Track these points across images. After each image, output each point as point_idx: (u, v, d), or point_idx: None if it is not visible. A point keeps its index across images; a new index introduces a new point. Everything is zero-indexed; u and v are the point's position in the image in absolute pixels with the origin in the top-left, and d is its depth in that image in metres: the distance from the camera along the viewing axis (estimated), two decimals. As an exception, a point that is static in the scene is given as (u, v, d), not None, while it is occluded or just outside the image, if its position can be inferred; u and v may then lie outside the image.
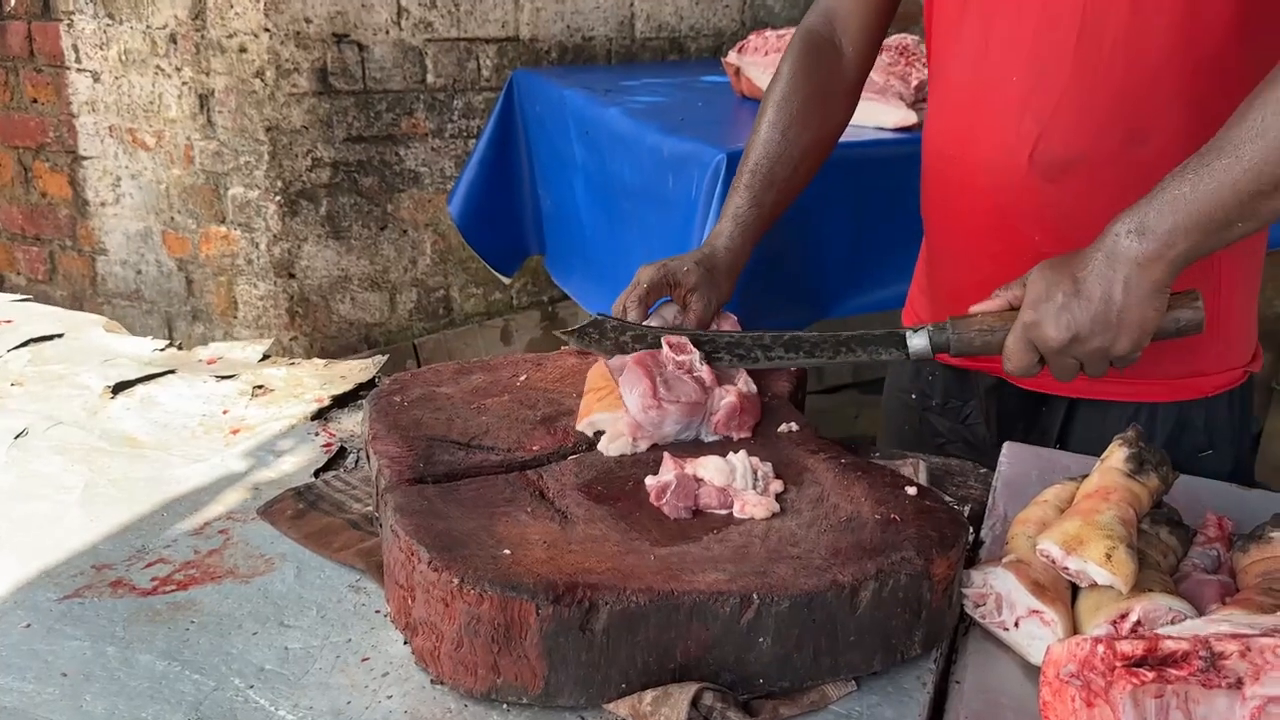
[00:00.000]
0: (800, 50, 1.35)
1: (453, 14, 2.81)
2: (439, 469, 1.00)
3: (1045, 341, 1.00)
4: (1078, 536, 0.88)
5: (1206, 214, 0.95)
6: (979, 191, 1.22)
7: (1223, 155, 0.94)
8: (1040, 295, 1.00)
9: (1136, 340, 0.99)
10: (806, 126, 1.32)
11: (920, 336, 1.08)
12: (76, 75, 2.91)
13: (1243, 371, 1.27)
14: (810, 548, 0.88)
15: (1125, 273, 0.97)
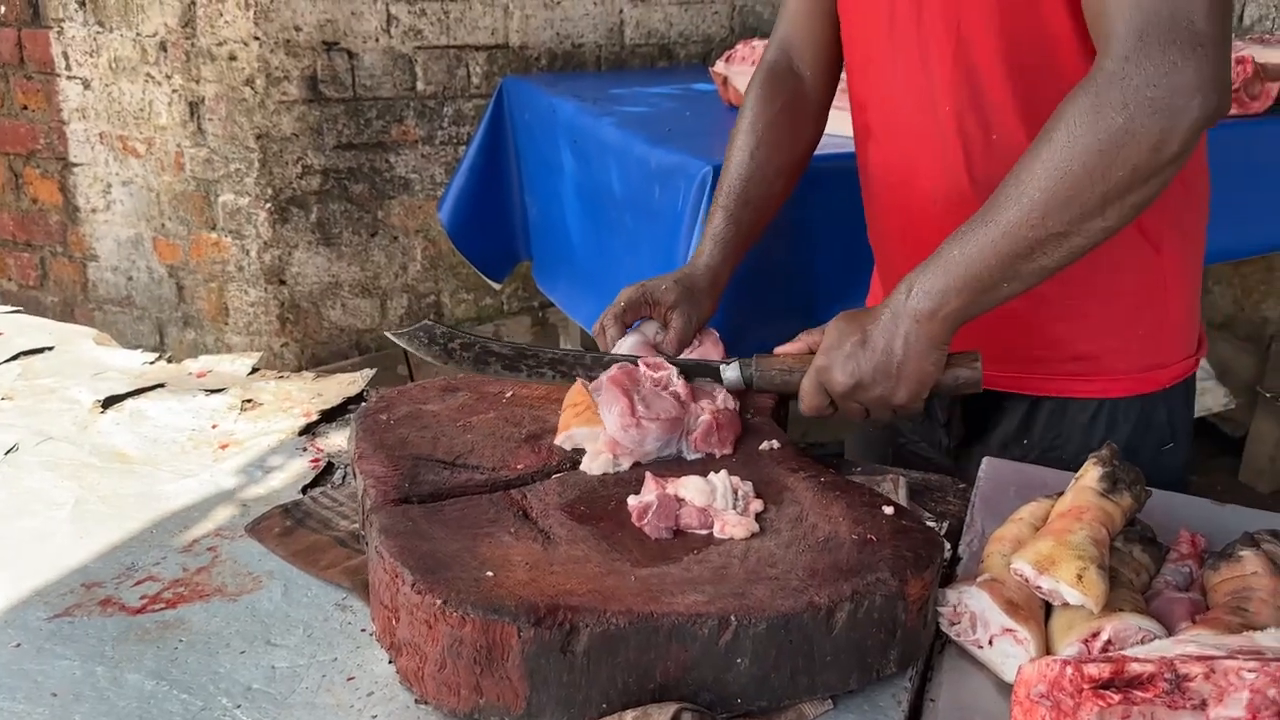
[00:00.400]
0: (761, 80, 1.42)
1: (442, 21, 2.83)
2: (424, 489, 1.02)
3: (832, 385, 1.07)
4: (1050, 556, 0.90)
5: (974, 275, 1.00)
6: (929, 217, 1.25)
7: (986, 221, 1.00)
8: (832, 343, 1.07)
9: (914, 391, 1.06)
10: (776, 148, 1.38)
11: (732, 369, 1.16)
12: (67, 82, 2.91)
13: (1195, 360, 1.30)
14: (788, 568, 0.89)
15: (905, 328, 1.03)
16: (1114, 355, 1.25)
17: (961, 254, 1.01)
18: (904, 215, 1.30)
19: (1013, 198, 0.98)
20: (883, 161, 1.31)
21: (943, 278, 1.02)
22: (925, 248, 1.26)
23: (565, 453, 1.10)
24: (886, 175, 1.31)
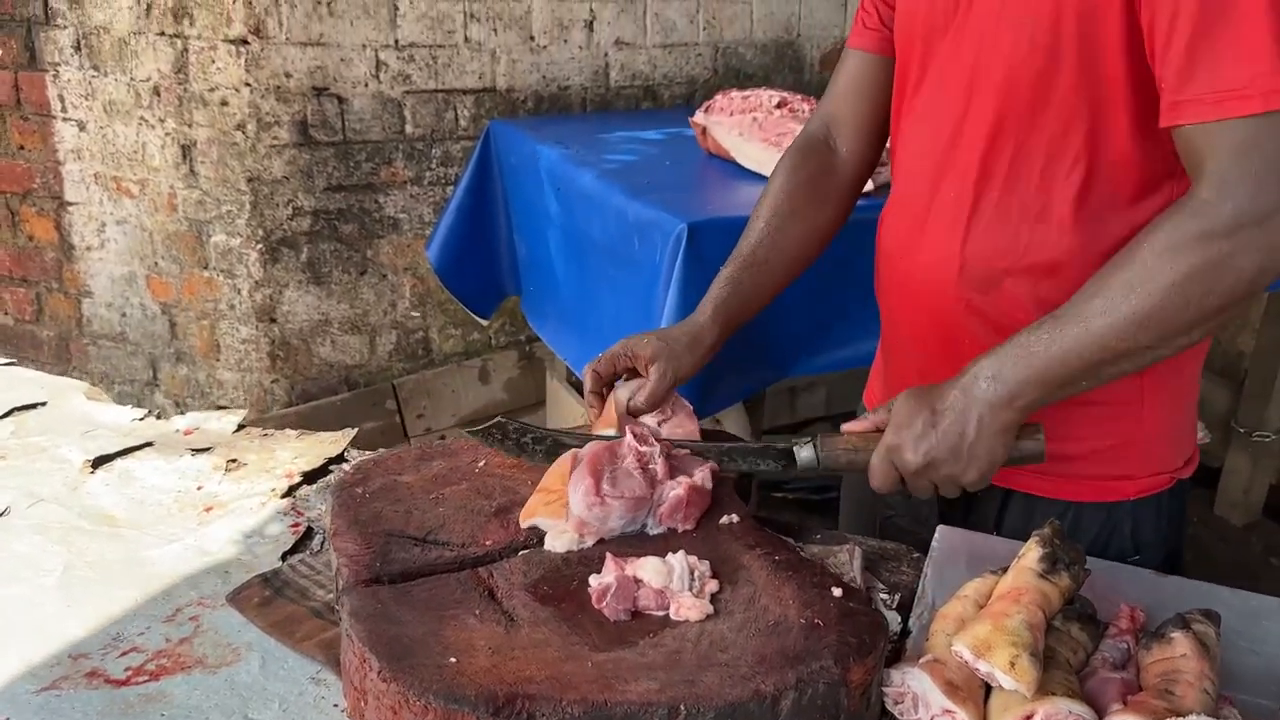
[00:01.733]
0: (795, 149, 1.43)
1: (430, 66, 2.88)
2: (395, 568, 1.06)
3: (904, 464, 1.09)
4: (986, 641, 0.94)
5: (1055, 373, 1.04)
6: (920, 295, 1.28)
7: (1075, 323, 1.03)
8: (902, 421, 1.09)
9: (984, 471, 1.08)
10: (793, 217, 1.39)
11: (806, 450, 1.16)
12: (62, 124, 2.96)
13: (1169, 478, 1.29)
14: (738, 654, 0.94)
15: (979, 412, 1.06)
16: (1082, 460, 1.26)
17: (1046, 351, 1.03)
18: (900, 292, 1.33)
19: (1105, 308, 1.01)
20: (892, 231, 1.33)
21: (1023, 370, 1.04)
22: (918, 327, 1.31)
23: (532, 528, 1.14)
24: (891, 247, 1.33)
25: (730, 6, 3.19)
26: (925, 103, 1.25)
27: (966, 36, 1.17)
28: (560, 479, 1.15)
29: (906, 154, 1.30)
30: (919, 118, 1.26)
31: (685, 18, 3.15)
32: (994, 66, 1.14)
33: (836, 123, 1.43)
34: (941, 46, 1.21)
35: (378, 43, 2.82)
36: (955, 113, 1.20)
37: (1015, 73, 1.12)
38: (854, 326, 1.96)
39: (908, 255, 1.29)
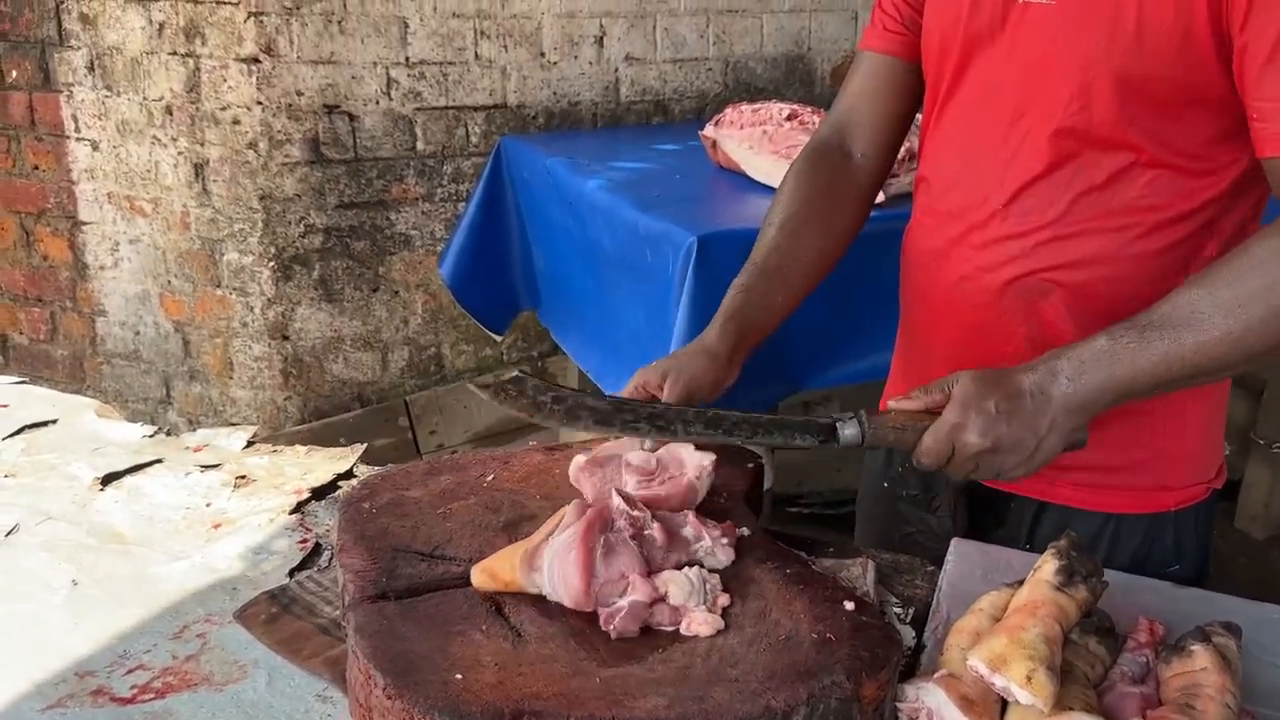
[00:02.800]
0: (807, 155, 1.39)
1: (441, 84, 2.89)
2: (400, 583, 1.05)
3: (965, 445, 1.05)
4: (1002, 655, 0.92)
5: (1137, 383, 1.03)
6: (957, 307, 1.26)
7: (1163, 337, 1.01)
8: (970, 403, 1.04)
9: (1036, 468, 1.07)
10: (808, 222, 1.34)
11: (851, 427, 1.10)
12: (76, 144, 2.98)
13: (1206, 488, 1.29)
14: (748, 669, 0.92)
15: (1054, 413, 1.03)
16: (1122, 471, 1.25)
17: (1131, 361, 1.02)
18: (933, 305, 1.31)
19: (1199, 324, 1.00)
20: (925, 240, 1.31)
21: (1104, 377, 1.03)
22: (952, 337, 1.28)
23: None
24: (923, 258, 1.31)
25: (740, 21, 3.19)
26: (965, 112, 1.22)
27: (1019, 45, 1.14)
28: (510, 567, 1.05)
29: (941, 163, 1.27)
30: (954, 126, 1.24)
31: (695, 33, 3.16)
32: (1057, 77, 1.11)
33: (851, 126, 1.39)
34: (985, 54, 1.18)
35: (389, 60, 2.83)
36: (1003, 124, 1.17)
37: (1083, 88, 1.09)
38: (869, 339, 1.95)
39: (942, 267, 1.27)
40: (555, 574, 1.02)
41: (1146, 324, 1.03)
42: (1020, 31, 1.13)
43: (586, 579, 1.00)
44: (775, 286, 1.34)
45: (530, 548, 1.05)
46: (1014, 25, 1.13)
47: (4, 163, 3.11)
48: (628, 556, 1.03)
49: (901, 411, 1.11)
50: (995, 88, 1.17)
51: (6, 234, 3.19)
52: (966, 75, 1.20)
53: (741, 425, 1.13)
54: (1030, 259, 1.17)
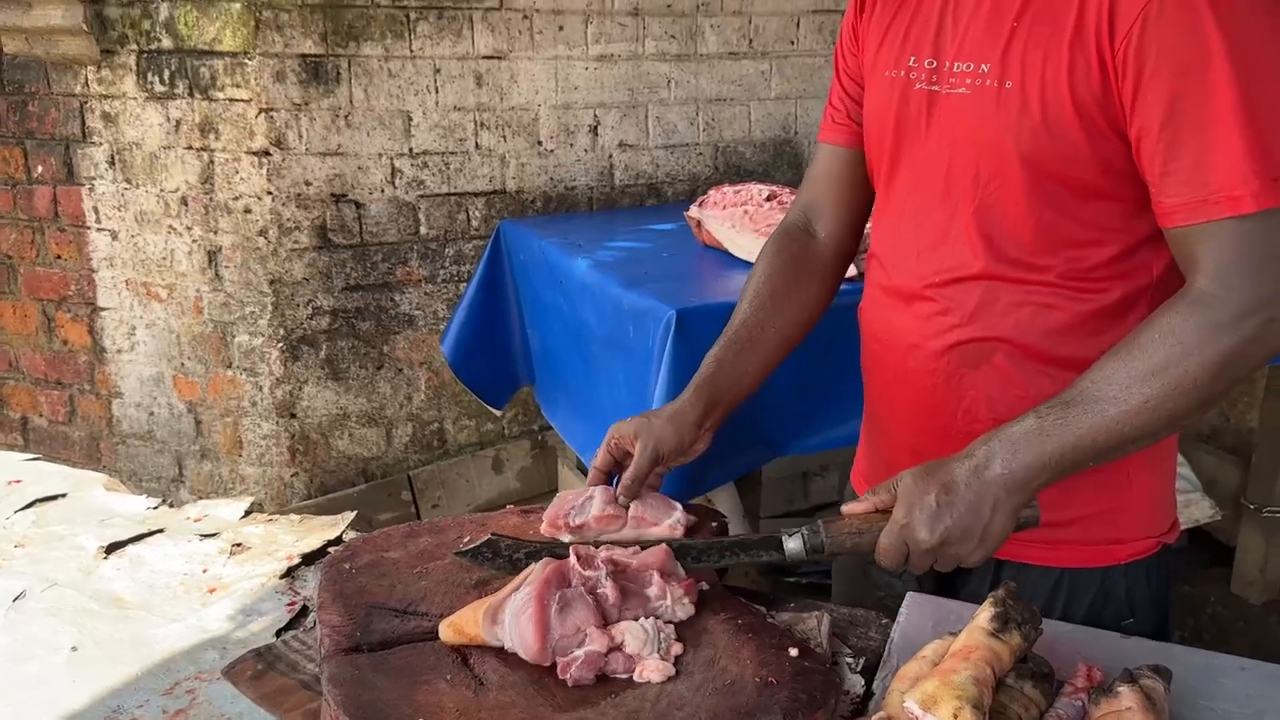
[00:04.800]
0: (776, 237, 1.50)
1: (443, 172, 3.03)
2: (374, 637, 1.12)
3: (917, 543, 1.11)
4: (933, 696, 0.98)
5: (1068, 457, 1.08)
6: (908, 374, 1.33)
7: (1088, 411, 1.07)
8: (915, 501, 1.10)
9: (991, 549, 1.12)
10: (774, 298, 1.44)
11: (795, 540, 1.17)
12: (96, 234, 3.14)
13: (1156, 542, 1.33)
14: (693, 711, 0.98)
15: (994, 495, 1.09)
16: (1072, 527, 1.29)
17: (1060, 437, 1.08)
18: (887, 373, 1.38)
19: (1119, 395, 1.06)
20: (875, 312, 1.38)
21: (1036, 455, 1.08)
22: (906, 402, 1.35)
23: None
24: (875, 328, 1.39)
25: (728, 109, 3.34)
26: (901, 194, 1.31)
27: (943, 132, 1.23)
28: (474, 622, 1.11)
29: (885, 242, 1.36)
30: (896, 209, 1.33)
31: (686, 120, 3.30)
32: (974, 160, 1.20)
33: (814, 210, 1.50)
34: (915, 142, 1.27)
35: (393, 151, 2.98)
36: (933, 206, 1.26)
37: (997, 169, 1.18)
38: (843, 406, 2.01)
39: (893, 336, 1.34)
40: (513, 629, 1.08)
41: (1070, 400, 1.09)
42: (943, 120, 1.22)
43: (541, 635, 1.07)
44: (746, 357, 1.43)
45: (494, 603, 1.12)
46: (937, 114, 1.23)
47: (28, 253, 3.27)
48: (584, 611, 1.10)
49: (855, 516, 1.17)
50: (924, 173, 1.26)
51: (29, 320, 3.33)
52: (901, 161, 1.29)
53: (709, 552, 1.22)
54: (969, 327, 1.25)
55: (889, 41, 1.30)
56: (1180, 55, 1.04)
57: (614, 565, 1.17)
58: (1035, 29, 1.12)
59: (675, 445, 1.35)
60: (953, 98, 1.20)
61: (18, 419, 3.42)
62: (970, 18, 1.19)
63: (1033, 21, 1.13)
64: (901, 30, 1.28)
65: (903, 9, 1.29)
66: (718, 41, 3.30)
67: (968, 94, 1.18)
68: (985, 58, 1.16)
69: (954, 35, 1.20)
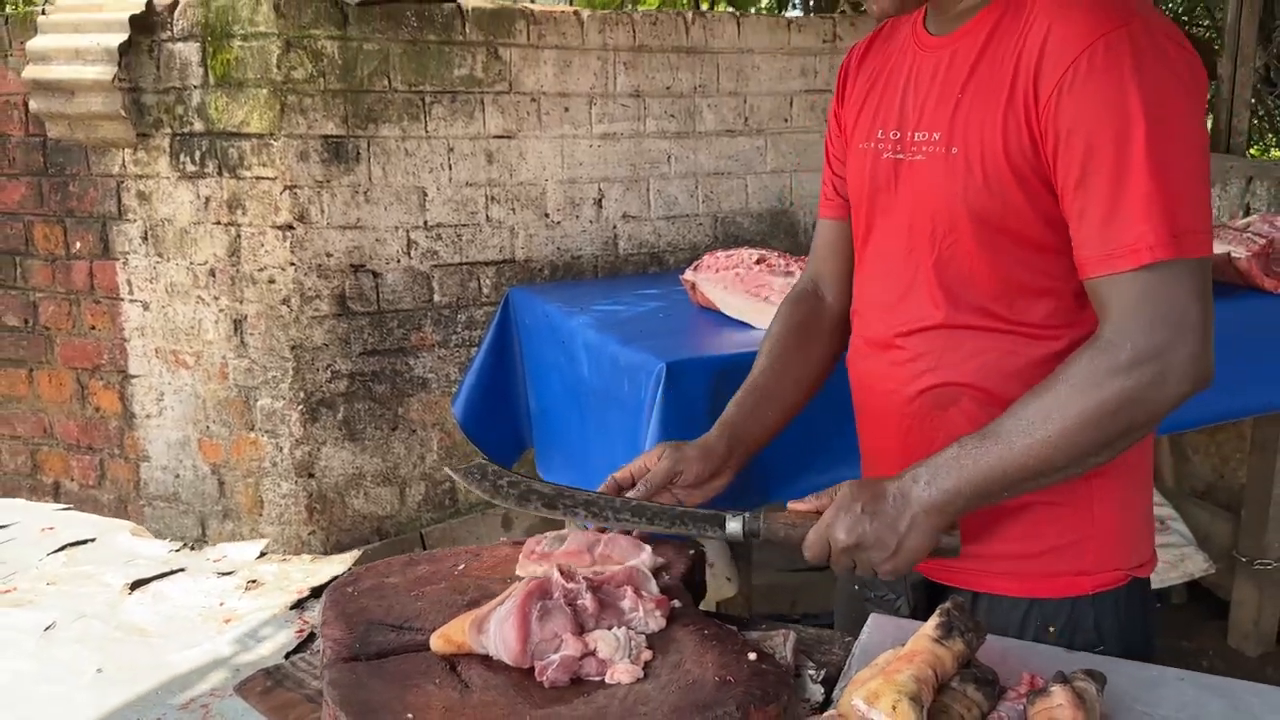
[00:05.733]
0: (789, 300, 1.65)
1: (456, 243, 3.20)
2: (371, 649, 1.22)
3: (835, 541, 1.22)
4: (876, 691, 1.07)
5: (979, 485, 1.19)
6: (889, 416, 1.44)
7: (999, 442, 1.18)
8: (843, 505, 1.22)
9: (905, 563, 1.22)
10: (789, 354, 1.58)
11: (735, 522, 1.29)
12: (129, 305, 3.31)
13: (1125, 575, 1.39)
14: (656, 706, 1.08)
15: (913, 513, 1.20)
16: (1040, 560, 1.37)
17: (974, 465, 1.17)
18: (872, 417, 1.49)
19: (1024, 430, 1.16)
20: (858, 360, 1.50)
21: (954, 480, 1.18)
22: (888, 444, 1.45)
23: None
24: (858, 375, 1.51)
25: (726, 182, 3.51)
26: (874, 254, 1.45)
27: (906, 196, 1.36)
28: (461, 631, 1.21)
29: (862, 297, 1.49)
30: (870, 267, 1.46)
31: (686, 193, 3.47)
32: (930, 219, 1.33)
33: (820, 277, 1.64)
34: (885, 207, 1.40)
35: (409, 224, 3.15)
36: (899, 264, 1.38)
37: (950, 226, 1.31)
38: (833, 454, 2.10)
39: (874, 383, 1.46)
40: (497, 635, 1.19)
41: (987, 433, 1.20)
42: (906, 185, 1.35)
43: (522, 638, 1.17)
44: (765, 404, 1.56)
45: (480, 615, 1.22)
46: (902, 180, 1.36)
47: (65, 324, 3.45)
48: (561, 619, 1.20)
49: (795, 511, 1.29)
50: (892, 233, 1.39)
51: (64, 388, 3.49)
52: (875, 224, 1.42)
53: (660, 516, 1.35)
54: (936, 373, 1.36)
55: (863, 119, 1.44)
56: (1094, 118, 1.16)
57: (593, 580, 1.28)
58: (976, 98, 1.25)
59: (698, 471, 1.45)
60: (914, 164, 1.33)
61: (50, 483, 3.56)
62: (926, 91, 1.32)
63: (974, 92, 1.26)
64: (873, 108, 1.42)
65: (873, 90, 1.44)
66: (715, 120, 3.49)
67: (924, 160, 1.31)
68: (937, 127, 1.29)
69: (913, 108, 1.34)
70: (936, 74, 1.31)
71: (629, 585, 1.31)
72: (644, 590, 1.28)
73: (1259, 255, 2.52)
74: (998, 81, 1.24)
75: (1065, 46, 1.16)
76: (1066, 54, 1.16)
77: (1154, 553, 1.46)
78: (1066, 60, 1.16)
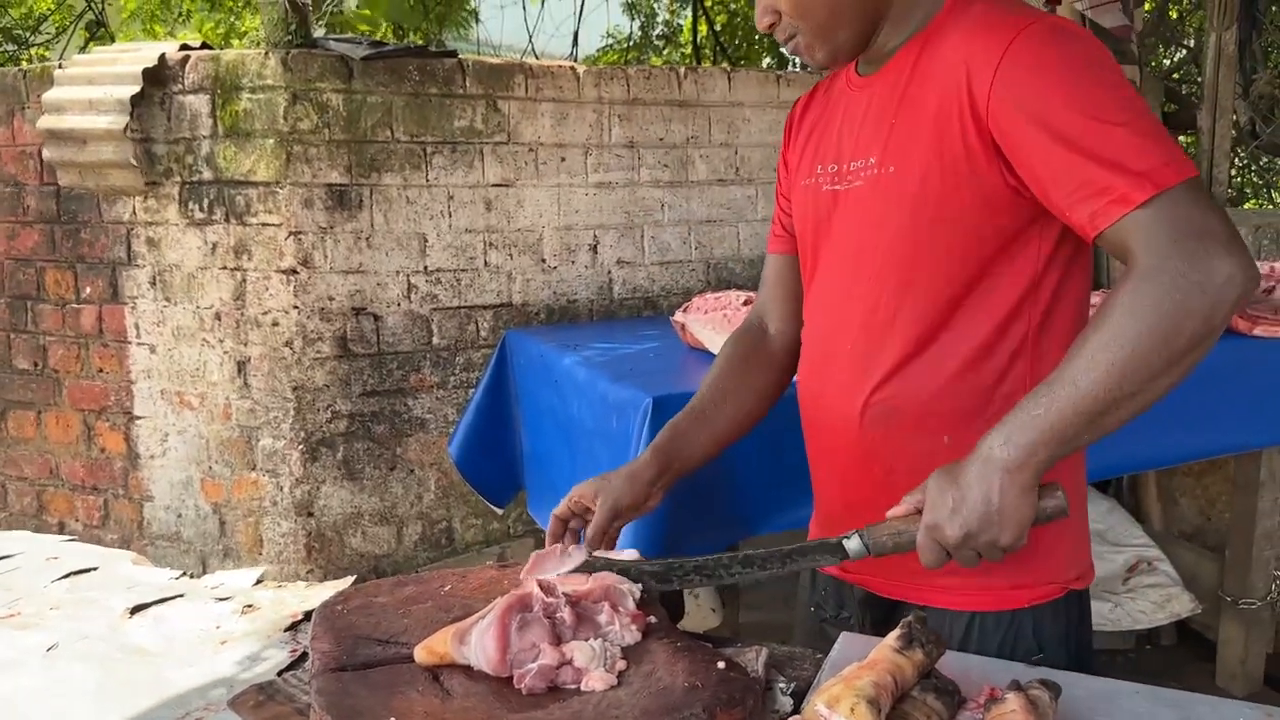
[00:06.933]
0: (736, 333, 1.74)
1: (455, 287, 3.30)
2: (359, 660, 1.28)
3: (945, 540, 1.23)
4: (836, 696, 1.13)
5: (1059, 430, 1.19)
6: (834, 433, 1.51)
7: (1065, 385, 1.19)
8: (935, 501, 1.23)
9: (1018, 532, 1.22)
10: (732, 384, 1.66)
11: (853, 541, 1.30)
12: (136, 348, 3.40)
13: (1061, 587, 1.46)
14: (628, 710, 1.13)
15: (1000, 480, 1.20)
16: (980, 575, 1.39)
17: (1047, 413, 1.17)
18: (818, 432, 1.56)
19: (1087, 366, 1.15)
20: (804, 376, 1.58)
21: (1031, 433, 1.17)
22: (835, 461, 1.53)
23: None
24: (804, 393, 1.58)
25: (718, 229, 3.62)
26: (820, 281, 1.53)
27: (845, 225, 1.45)
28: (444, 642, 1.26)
29: (811, 319, 1.58)
30: (817, 295, 1.55)
31: (679, 240, 3.58)
32: (869, 247, 1.42)
33: (766, 310, 1.73)
34: (827, 238, 1.49)
35: (409, 269, 3.25)
36: (841, 291, 1.47)
37: (887, 247, 1.39)
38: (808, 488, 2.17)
39: (819, 402, 1.54)
40: (478, 646, 1.25)
41: (1050, 381, 1.21)
42: (846, 213, 1.44)
43: (502, 647, 1.23)
44: (700, 428, 1.64)
45: (462, 628, 1.28)
46: (842, 209, 1.45)
47: (74, 367, 3.53)
48: (539, 630, 1.26)
49: (896, 519, 1.30)
50: (835, 258, 1.48)
51: (71, 430, 3.57)
52: (820, 252, 1.51)
53: (771, 560, 1.37)
54: (877, 392, 1.43)
55: (805, 158, 1.54)
56: (1033, 110, 1.23)
57: (572, 596, 1.34)
58: (907, 121, 1.34)
59: (631, 501, 1.55)
60: (851, 192, 1.42)
61: (55, 523, 3.62)
62: (860, 123, 1.42)
63: (904, 114, 1.35)
64: (814, 147, 1.52)
65: (814, 131, 1.54)
66: (707, 170, 3.60)
67: (862, 186, 1.40)
68: (872, 152, 1.38)
69: (849, 140, 1.44)
70: (869, 107, 1.41)
71: (606, 601, 1.37)
72: (621, 606, 1.34)
73: (1233, 298, 2.59)
74: (926, 102, 1.32)
75: (988, 53, 1.25)
76: (990, 59, 1.24)
77: (1091, 566, 1.52)
78: (992, 63, 1.24)
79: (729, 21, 6.88)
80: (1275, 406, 2.66)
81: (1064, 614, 1.48)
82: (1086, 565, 1.52)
